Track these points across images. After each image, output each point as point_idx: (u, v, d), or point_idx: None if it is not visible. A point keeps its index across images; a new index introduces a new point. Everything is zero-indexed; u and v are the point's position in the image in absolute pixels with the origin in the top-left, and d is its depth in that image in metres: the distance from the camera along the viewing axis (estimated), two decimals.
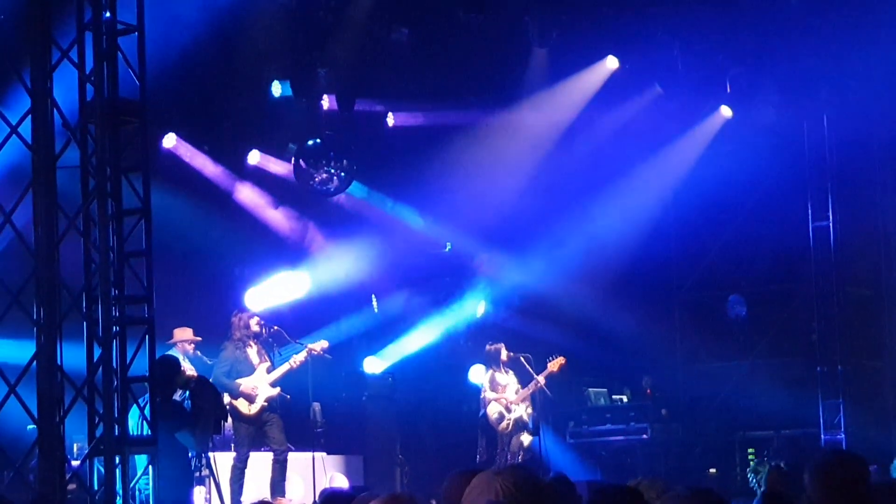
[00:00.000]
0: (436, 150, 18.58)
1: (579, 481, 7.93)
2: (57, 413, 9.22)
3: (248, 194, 18.19)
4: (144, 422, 10.09)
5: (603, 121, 19.24)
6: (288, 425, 15.53)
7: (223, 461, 14.73)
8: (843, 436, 18.95)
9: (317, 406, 16.45)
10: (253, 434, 15.32)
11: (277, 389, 15.40)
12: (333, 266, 18.27)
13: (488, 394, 17.53)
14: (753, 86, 18.86)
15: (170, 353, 14.52)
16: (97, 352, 9.56)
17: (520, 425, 17.45)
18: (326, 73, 17.24)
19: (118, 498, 9.54)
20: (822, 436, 19.07)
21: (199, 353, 15.69)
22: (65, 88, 9.68)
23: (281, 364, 15.59)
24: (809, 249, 19.66)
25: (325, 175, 17.87)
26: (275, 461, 15.30)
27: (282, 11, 16.45)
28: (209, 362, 15.52)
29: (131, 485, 9.84)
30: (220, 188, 17.89)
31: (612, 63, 18.77)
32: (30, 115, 9.40)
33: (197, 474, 12.77)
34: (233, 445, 15.46)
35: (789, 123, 19.17)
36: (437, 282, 19.54)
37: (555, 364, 17.60)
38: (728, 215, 20.02)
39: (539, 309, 19.56)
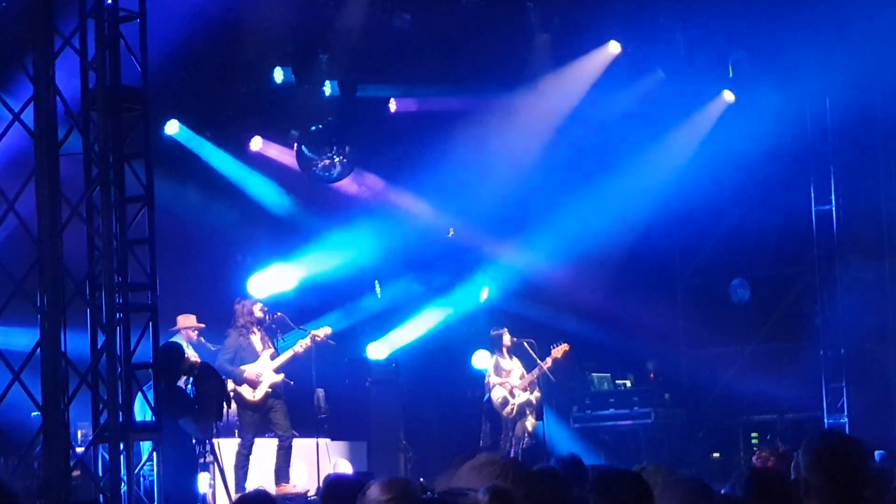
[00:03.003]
0: (438, 135, 18.55)
1: None
2: (61, 400, 9.25)
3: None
4: (148, 408, 10.10)
5: (605, 105, 19.18)
6: (292, 411, 15.54)
7: (227, 447, 14.75)
8: (846, 419, 18.93)
9: (320, 392, 16.46)
10: (257, 420, 15.33)
11: (281, 376, 15.41)
12: (336, 252, 18.27)
13: (492, 379, 17.52)
14: (756, 70, 18.83)
15: (173, 339, 14.54)
16: (101, 339, 9.58)
17: (524, 410, 17.45)
18: (329, 59, 17.22)
19: (122, 484, 9.57)
20: (826, 420, 19.05)
21: (202, 339, 15.69)
22: (67, 76, 9.69)
23: (285, 350, 15.60)
24: (812, 233, 19.62)
25: (327, 161, 17.87)
26: (279, 447, 15.32)
27: None
28: (213, 349, 15.54)
29: (135, 471, 9.86)
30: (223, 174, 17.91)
31: (614, 48, 18.70)
32: (32, 103, 9.40)
33: (201, 461, 12.80)
34: (237, 432, 15.47)
35: (791, 107, 19.09)
36: (441, 267, 19.52)
37: (559, 351, 17.58)
38: (730, 200, 19.99)
39: (542, 294, 19.55)
